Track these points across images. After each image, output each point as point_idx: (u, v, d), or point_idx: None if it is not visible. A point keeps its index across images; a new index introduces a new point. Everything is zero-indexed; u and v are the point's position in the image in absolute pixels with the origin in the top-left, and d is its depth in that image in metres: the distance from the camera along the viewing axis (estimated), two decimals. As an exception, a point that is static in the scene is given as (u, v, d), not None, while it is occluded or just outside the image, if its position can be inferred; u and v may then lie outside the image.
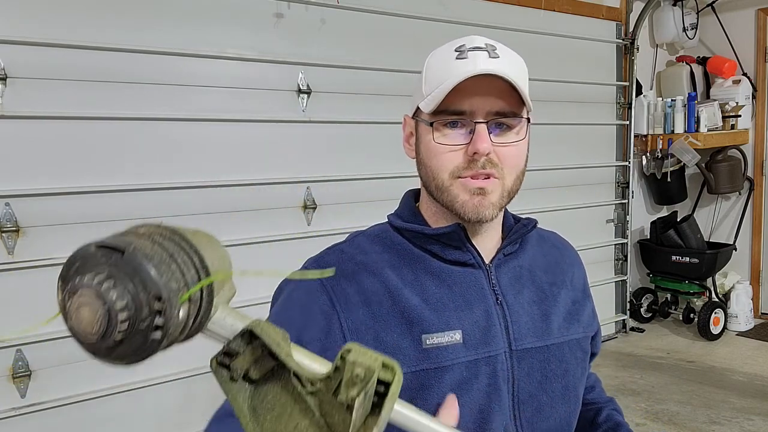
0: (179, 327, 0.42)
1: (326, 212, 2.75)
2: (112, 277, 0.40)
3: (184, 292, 0.42)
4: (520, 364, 0.82)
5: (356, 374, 0.45)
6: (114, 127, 2.23)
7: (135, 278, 0.40)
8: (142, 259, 0.40)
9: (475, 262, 0.84)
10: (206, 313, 0.45)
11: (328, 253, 0.86)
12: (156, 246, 0.42)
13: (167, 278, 0.41)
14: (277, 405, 0.48)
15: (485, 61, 0.77)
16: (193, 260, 0.43)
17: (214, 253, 0.46)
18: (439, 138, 0.79)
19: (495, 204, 0.80)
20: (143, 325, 0.40)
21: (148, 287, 0.40)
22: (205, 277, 0.43)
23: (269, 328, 0.47)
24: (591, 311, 0.96)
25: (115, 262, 0.40)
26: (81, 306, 0.40)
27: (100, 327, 0.40)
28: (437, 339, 0.78)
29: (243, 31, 2.51)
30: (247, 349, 0.47)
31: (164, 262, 0.41)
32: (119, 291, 0.40)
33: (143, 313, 0.40)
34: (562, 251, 0.97)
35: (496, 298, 0.84)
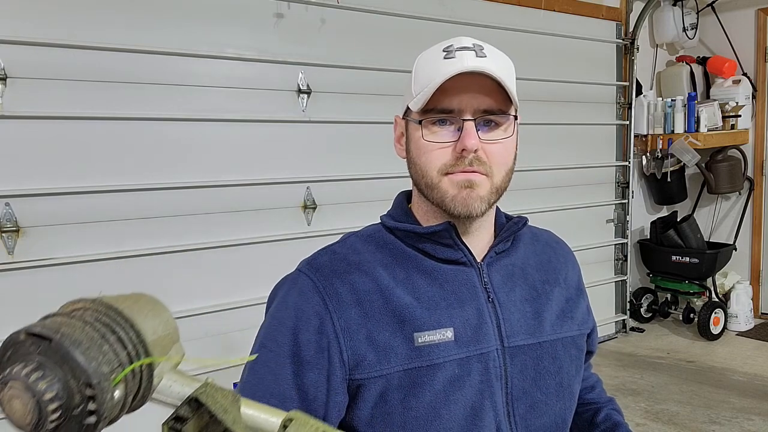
0: (116, 407, 0.42)
1: (326, 212, 2.75)
2: (41, 367, 0.40)
3: (118, 374, 0.41)
4: (513, 361, 0.83)
5: None
6: (114, 127, 2.23)
7: (64, 366, 0.40)
8: (70, 346, 0.40)
9: (467, 260, 0.85)
10: (147, 386, 0.45)
11: (321, 254, 0.87)
12: (87, 327, 0.41)
13: (97, 363, 0.40)
14: None
15: (472, 59, 0.78)
16: (129, 336, 0.43)
17: (155, 322, 0.46)
18: (428, 136, 0.81)
19: (483, 198, 0.81)
20: (76, 412, 0.40)
21: (77, 375, 0.40)
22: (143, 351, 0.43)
23: (216, 393, 0.47)
24: (586, 309, 0.96)
25: (44, 350, 0.40)
26: (12, 398, 0.40)
27: (32, 418, 0.40)
28: (429, 337, 0.79)
29: (243, 31, 2.51)
30: (195, 415, 0.47)
31: (95, 345, 0.41)
32: (48, 381, 0.39)
33: (75, 401, 0.40)
34: (556, 249, 0.98)
35: (487, 296, 0.85)
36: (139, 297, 0.47)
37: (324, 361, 0.78)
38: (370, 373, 0.78)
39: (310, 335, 0.78)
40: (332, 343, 0.78)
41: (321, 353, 0.78)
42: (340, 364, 0.78)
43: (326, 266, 0.83)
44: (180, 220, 2.38)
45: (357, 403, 0.79)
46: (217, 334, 2.44)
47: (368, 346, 0.78)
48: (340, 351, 0.78)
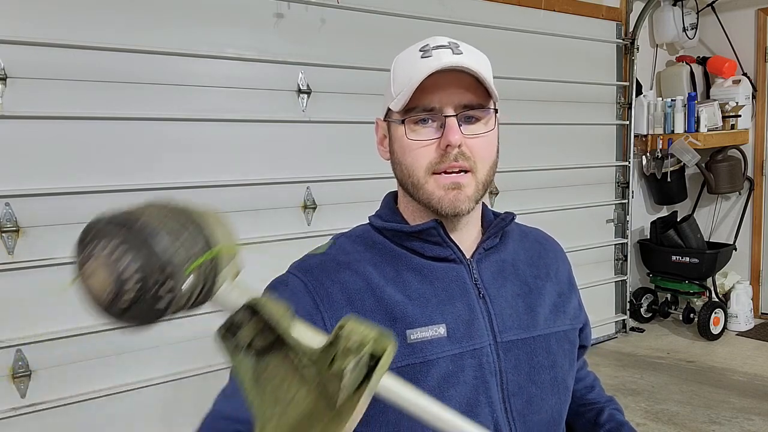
0: (184, 297, 0.45)
1: (326, 212, 2.75)
2: (125, 245, 0.43)
3: (190, 265, 0.44)
4: (507, 356, 0.83)
5: (349, 346, 0.47)
6: (114, 127, 2.23)
7: (144, 249, 0.43)
8: (150, 232, 0.43)
9: (456, 257, 0.86)
10: (211, 286, 0.48)
11: (311, 256, 0.88)
12: (166, 220, 0.45)
13: (174, 251, 0.43)
14: (277, 375, 0.50)
15: (449, 56, 0.79)
16: (200, 236, 0.46)
17: (220, 231, 0.49)
18: (411, 135, 0.82)
19: (471, 197, 0.82)
20: (150, 294, 0.43)
21: (155, 259, 0.43)
22: (212, 251, 0.46)
23: (270, 304, 0.50)
24: (577, 303, 0.97)
25: (126, 234, 0.43)
26: (94, 273, 0.43)
27: (111, 293, 0.43)
28: (421, 333, 0.80)
29: (243, 31, 2.51)
30: (250, 322, 0.50)
31: (172, 235, 0.44)
32: (130, 259, 0.42)
33: (150, 282, 0.43)
34: (545, 245, 0.99)
35: (478, 292, 0.85)
36: (206, 210, 0.50)
37: None
38: None
39: None
40: None
41: None
42: None
43: (316, 267, 0.84)
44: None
45: None
46: (217, 334, 2.44)
47: None
48: None
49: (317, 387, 0.49)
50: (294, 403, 0.49)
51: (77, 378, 2.17)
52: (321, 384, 0.49)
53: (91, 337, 2.17)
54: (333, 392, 0.48)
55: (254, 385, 0.50)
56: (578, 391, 1.05)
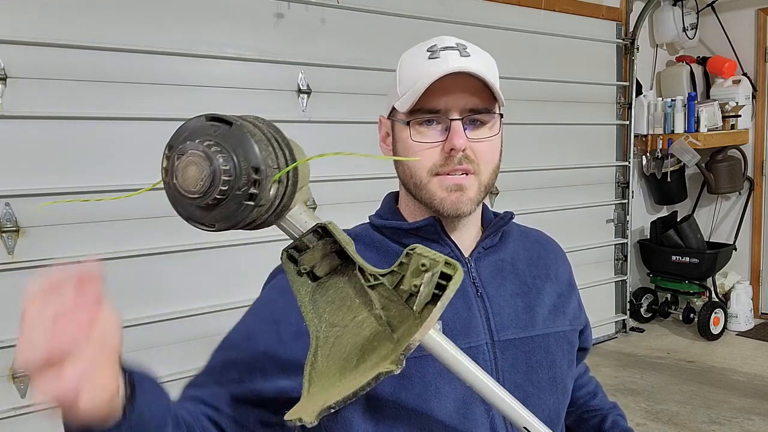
0: (269, 202, 0.47)
1: (326, 212, 2.75)
2: (220, 144, 0.45)
3: (278, 172, 0.47)
4: (504, 355, 0.84)
5: (422, 264, 0.50)
6: (114, 127, 2.23)
7: (239, 149, 0.45)
8: (246, 134, 0.45)
9: (454, 255, 0.86)
10: (289, 200, 0.51)
11: None
12: (258, 129, 0.47)
13: (265, 155, 0.46)
14: (337, 299, 0.52)
15: (457, 59, 0.79)
16: (285, 151, 0.49)
17: (300, 153, 0.52)
18: (415, 136, 0.82)
19: (472, 199, 0.82)
20: (240, 191, 0.45)
21: (249, 158, 0.45)
22: (294, 166, 0.49)
23: (339, 229, 0.53)
24: (577, 305, 0.97)
25: (223, 132, 0.45)
26: (189, 165, 0.45)
27: (203, 185, 0.45)
28: None
29: (243, 31, 2.51)
30: (317, 245, 0.53)
31: (264, 142, 0.47)
32: (224, 157, 0.44)
33: (242, 180, 0.45)
34: (545, 246, 0.99)
35: (476, 291, 0.85)
36: None
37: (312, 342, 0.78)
38: None
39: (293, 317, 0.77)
40: None
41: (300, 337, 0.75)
42: None
43: None
44: (180, 220, 2.37)
45: None
46: (217, 335, 2.44)
47: None
48: None
49: (381, 308, 0.51)
50: (353, 326, 0.51)
51: (77, 378, 2.17)
52: (384, 308, 0.50)
53: (91, 337, 2.17)
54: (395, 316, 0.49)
55: (313, 308, 0.52)
56: (581, 397, 1.05)
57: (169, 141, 0.48)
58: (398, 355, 0.47)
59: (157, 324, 2.33)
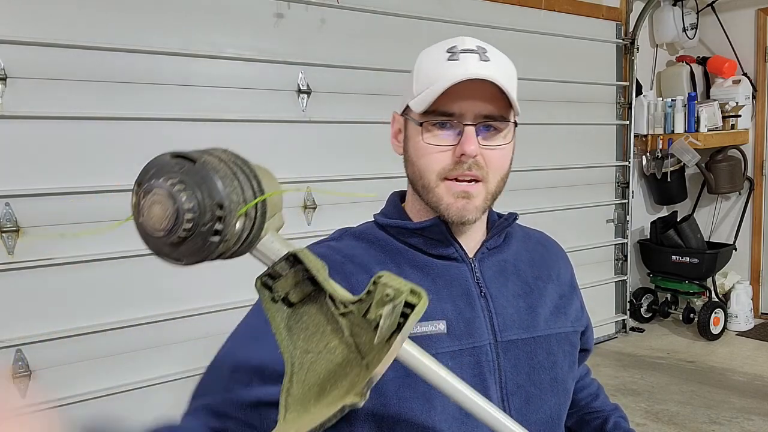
0: (235, 236, 0.48)
1: (326, 212, 2.75)
2: (184, 182, 0.46)
3: (243, 206, 0.47)
4: (507, 356, 0.84)
5: (386, 294, 0.50)
6: (114, 127, 2.23)
7: (203, 186, 0.46)
8: (210, 171, 0.46)
9: (459, 255, 0.86)
10: (258, 231, 0.51)
11: (317, 245, 0.88)
12: (223, 163, 0.48)
13: (230, 190, 0.46)
14: (311, 325, 0.53)
15: (476, 64, 0.78)
16: (252, 183, 0.49)
17: (271, 183, 0.52)
18: (428, 138, 0.81)
19: (479, 207, 0.82)
20: (205, 228, 0.46)
21: (213, 195, 0.46)
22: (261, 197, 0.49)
23: (311, 256, 0.53)
24: (579, 306, 0.97)
25: (187, 170, 0.46)
26: (154, 203, 0.46)
27: (168, 223, 0.45)
28: (421, 328, 0.80)
29: (243, 31, 2.51)
30: (289, 273, 0.53)
31: (228, 177, 0.47)
32: (188, 195, 0.45)
33: (206, 217, 0.45)
34: (548, 247, 0.99)
35: (480, 291, 0.85)
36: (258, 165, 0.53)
37: None
38: None
39: None
40: None
41: None
42: None
43: (322, 257, 0.84)
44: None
45: None
46: (218, 335, 2.43)
47: None
48: None
49: (350, 335, 0.51)
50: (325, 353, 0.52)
51: (77, 378, 2.17)
52: (354, 335, 0.51)
53: (91, 337, 2.17)
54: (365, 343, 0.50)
55: (287, 335, 0.53)
56: (583, 399, 1.05)
57: (137, 178, 0.49)
58: (361, 388, 0.48)
59: (157, 324, 2.33)
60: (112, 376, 2.23)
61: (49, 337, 2.09)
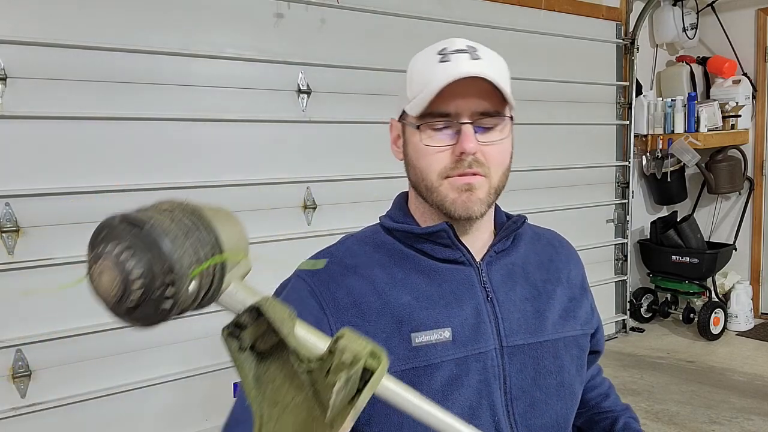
0: (189, 298, 0.46)
1: (326, 212, 2.75)
2: (131, 248, 0.44)
3: (196, 268, 0.45)
4: (512, 361, 0.83)
5: (343, 360, 0.48)
6: (114, 127, 2.23)
7: (151, 251, 0.44)
8: (158, 234, 0.44)
9: (465, 259, 0.86)
10: (218, 287, 0.49)
11: (318, 257, 0.88)
12: (174, 223, 0.46)
13: (180, 253, 0.44)
14: (278, 376, 0.52)
15: (467, 63, 0.79)
16: (209, 238, 0.47)
17: (231, 231, 0.50)
18: (426, 140, 0.81)
19: (483, 200, 0.82)
20: (155, 294, 0.44)
21: (161, 260, 0.44)
22: (219, 253, 0.47)
23: (276, 306, 0.51)
24: (590, 308, 0.96)
25: (135, 234, 0.44)
26: (102, 272, 0.45)
27: (117, 292, 0.44)
28: (426, 337, 0.80)
29: (243, 31, 2.51)
30: (254, 323, 0.51)
31: (180, 238, 0.45)
32: (136, 262, 0.44)
33: (156, 283, 0.44)
34: (558, 248, 0.98)
35: (486, 295, 0.85)
36: (219, 209, 0.51)
37: None
38: None
39: None
40: None
41: None
42: None
43: (323, 270, 0.84)
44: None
45: None
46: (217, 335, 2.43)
47: None
48: None
49: (313, 393, 0.50)
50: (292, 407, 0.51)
51: (77, 378, 2.17)
52: (317, 393, 0.50)
53: (91, 337, 2.17)
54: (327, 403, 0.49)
55: (255, 385, 0.52)
56: (593, 399, 1.04)
57: (90, 240, 0.47)
58: None
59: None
60: (112, 376, 2.23)
61: (49, 337, 2.09)
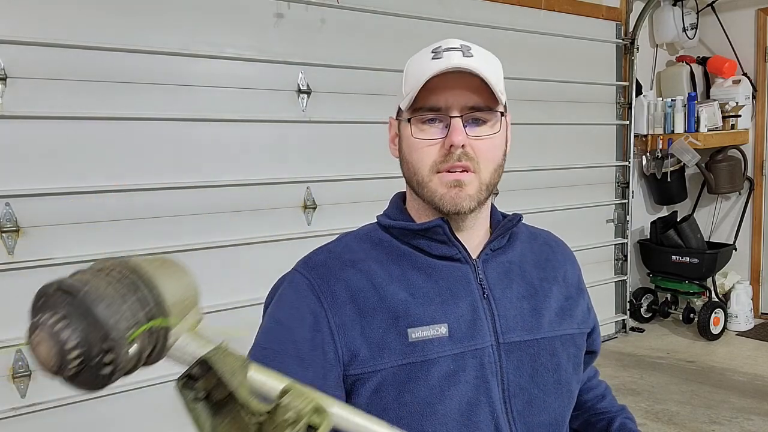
0: (131, 361, 0.46)
1: (326, 212, 2.75)
2: (66, 318, 0.43)
3: (135, 331, 0.45)
4: (509, 357, 0.84)
5: (286, 419, 0.48)
6: (114, 127, 2.23)
7: (86, 319, 0.43)
8: (93, 301, 0.43)
9: (462, 256, 0.86)
10: (163, 345, 0.48)
11: (317, 252, 0.89)
12: (111, 287, 0.45)
13: (116, 320, 0.44)
14: (233, 427, 0.51)
15: (459, 59, 0.80)
16: (149, 298, 0.46)
17: (177, 284, 0.49)
18: (417, 133, 0.83)
19: (472, 196, 0.83)
20: (93, 362, 0.44)
21: (97, 328, 0.43)
22: (161, 312, 0.47)
23: (227, 357, 0.50)
24: (586, 308, 0.97)
25: (70, 303, 0.44)
26: (39, 343, 0.44)
27: (55, 363, 0.44)
28: (423, 332, 0.81)
29: (243, 31, 2.51)
30: (207, 375, 0.50)
31: (116, 302, 0.44)
32: (71, 332, 0.43)
33: (93, 351, 0.44)
34: (554, 248, 0.99)
35: (483, 293, 0.85)
36: (164, 261, 0.50)
37: (320, 357, 0.79)
38: (364, 368, 0.79)
39: (306, 333, 0.80)
40: (327, 339, 0.79)
41: (316, 350, 0.79)
42: (335, 360, 0.79)
43: (321, 265, 0.85)
44: (180, 220, 2.38)
45: (352, 398, 0.81)
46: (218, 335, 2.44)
47: (362, 342, 0.80)
48: (335, 347, 0.79)
49: None
50: None
51: (77, 378, 2.17)
52: None
53: (91, 337, 2.16)
54: None
55: None
56: (589, 400, 1.04)
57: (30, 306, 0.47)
58: None
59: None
60: (112, 376, 2.23)
61: (49, 337, 2.09)
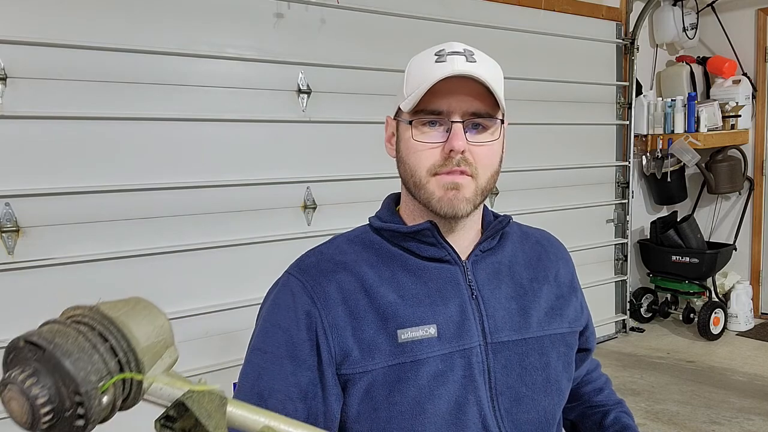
0: (105, 410, 0.46)
1: (326, 212, 2.75)
2: (36, 373, 0.44)
3: (107, 381, 0.45)
4: (497, 357, 0.85)
5: None
6: (114, 127, 2.23)
7: (56, 374, 0.43)
8: (61, 356, 0.44)
9: (451, 258, 0.87)
10: (137, 391, 0.49)
11: (308, 255, 0.90)
12: (80, 337, 0.45)
13: (86, 372, 0.44)
14: None
15: (462, 64, 0.80)
16: (120, 345, 0.46)
17: (150, 326, 0.49)
18: (417, 136, 0.83)
19: (469, 200, 0.83)
20: (66, 415, 0.44)
21: (67, 382, 0.43)
22: (134, 359, 0.47)
23: (203, 398, 0.50)
24: (579, 306, 0.97)
25: (38, 358, 0.44)
26: (10, 400, 0.44)
27: (27, 419, 0.44)
28: (412, 333, 0.82)
29: (243, 31, 2.51)
30: (185, 415, 0.50)
31: (86, 354, 0.44)
32: (41, 387, 0.43)
33: (65, 405, 0.44)
34: (546, 247, 0.99)
35: (471, 293, 0.86)
36: (136, 303, 0.50)
37: (314, 358, 0.80)
38: (356, 369, 0.80)
39: (302, 333, 0.81)
40: (321, 339, 0.81)
41: (312, 350, 0.81)
42: (329, 359, 0.80)
43: (313, 267, 0.87)
44: (180, 220, 2.38)
45: (344, 398, 0.82)
46: (217, 334, 2.44)
47: (354, 342, 0.81)
48: (328, 347, 0.80)
49: None
50: None
51: (77, 378, 2.17)
52: None
53: (91, 337, 2.16)
54: None
55: None
56: (587, 393, 1.05)
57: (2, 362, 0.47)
58: None
59: None
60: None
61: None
